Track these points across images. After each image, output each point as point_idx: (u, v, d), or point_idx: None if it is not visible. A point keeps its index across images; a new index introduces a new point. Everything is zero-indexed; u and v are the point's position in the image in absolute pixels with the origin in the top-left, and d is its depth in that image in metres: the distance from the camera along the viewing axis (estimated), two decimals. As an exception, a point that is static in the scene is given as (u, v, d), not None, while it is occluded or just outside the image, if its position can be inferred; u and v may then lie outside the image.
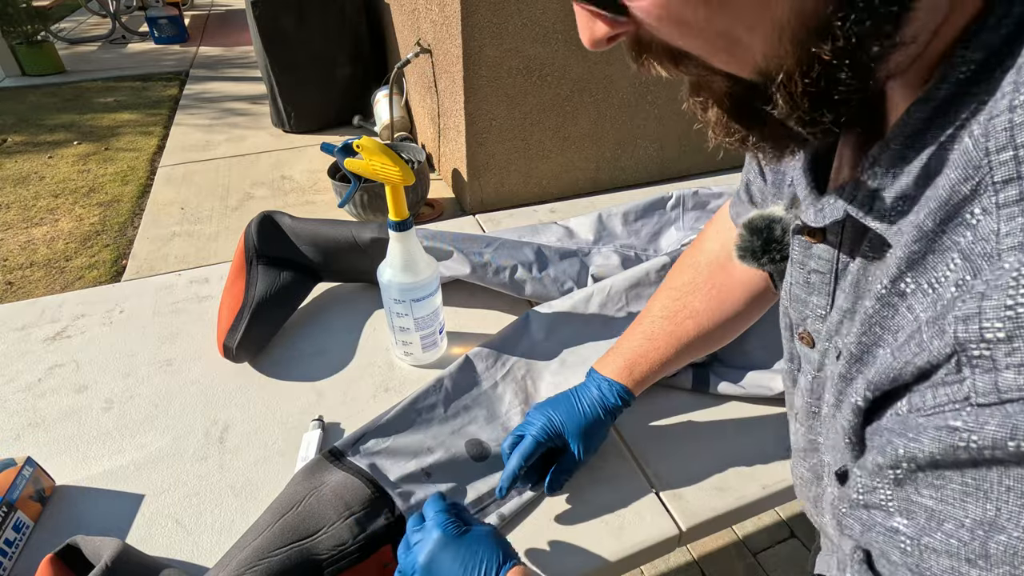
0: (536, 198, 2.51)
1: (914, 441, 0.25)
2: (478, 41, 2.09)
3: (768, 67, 0.26)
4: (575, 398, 0.62)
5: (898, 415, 0.27)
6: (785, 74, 0.25)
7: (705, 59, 0.27)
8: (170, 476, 0.64)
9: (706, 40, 0.26)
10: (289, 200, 2.66)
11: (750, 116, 0.29)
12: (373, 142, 0.65)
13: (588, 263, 0.90)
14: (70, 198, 2.82)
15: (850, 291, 0.34)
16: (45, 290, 2.24)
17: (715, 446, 0.68)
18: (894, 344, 0.28)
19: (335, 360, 0.79)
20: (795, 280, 0.39)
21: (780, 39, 0.24)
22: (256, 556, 0.50)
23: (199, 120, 3.56)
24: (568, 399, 0.62)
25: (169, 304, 0.88)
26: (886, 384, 0.27)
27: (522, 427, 0.62)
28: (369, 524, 0.54)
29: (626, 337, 0.65)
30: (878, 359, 0.29)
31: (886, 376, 0.27)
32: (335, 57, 3.10)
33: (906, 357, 0.26)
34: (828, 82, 0.25)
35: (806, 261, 0.37)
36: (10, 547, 0.55)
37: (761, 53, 0.25)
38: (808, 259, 0.37)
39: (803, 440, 0.43)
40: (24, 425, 0.69)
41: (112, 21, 5.35)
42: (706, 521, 0.61)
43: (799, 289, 0.39)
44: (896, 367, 0.26)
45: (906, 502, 0.27)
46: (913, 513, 0.26)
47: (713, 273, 0.61)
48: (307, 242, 0.83)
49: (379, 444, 0.64)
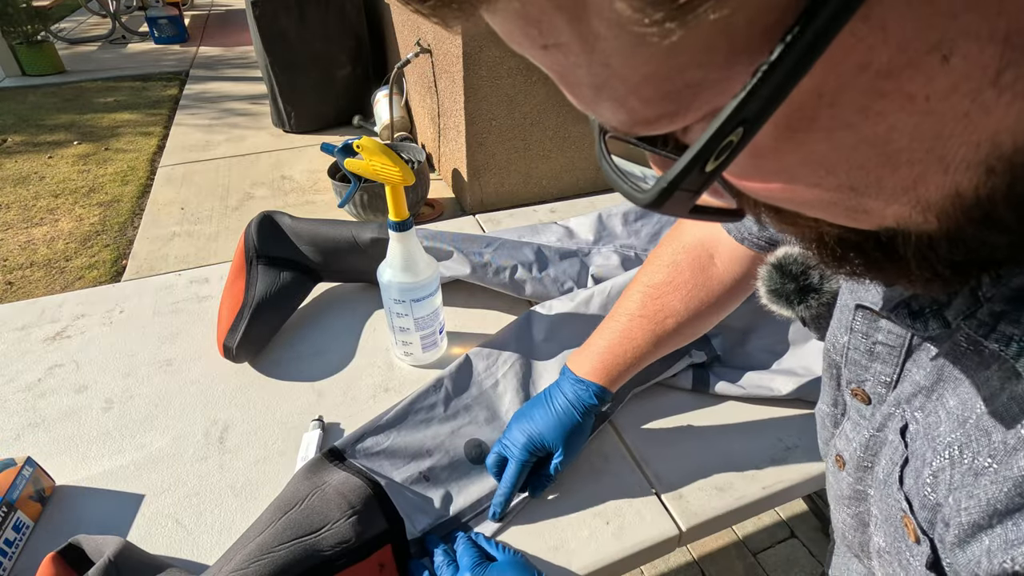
0: (536, 198, 2.51)
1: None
2: (478, 41, 2.09)
3: (900, 229, 0.21)
4: (549, 404, 0.62)
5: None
6: (924, 238, 0.21)
7: (814, 215, 0.23)
8: (170, 476, 0.64)
9: (823, 209, 0.21)
10: (289, 200, 2.66)
11: (862, 257, 0.24)
12: (373, 142, 0.65)
13: (588, 263, 0.90)
14: (70, 198, 2.83)
15: (931, 371, 0.30)
16: (45, 290, 2.24)
17: (715, 446, 0.68)
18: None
19: (335, 360, 0.79)
20: (854, 346, 0.37)
21: (925, 214, 0.20)
22: (260, 551, 0.50)
23: (199, 120, 3.56)
24: (543, 407, 0.62)
25: (169, 304, 0.88)
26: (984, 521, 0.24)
27: (503, 447, 0.62)
28: (371, 523, 0.54)
29: (601, 335, 0.64)
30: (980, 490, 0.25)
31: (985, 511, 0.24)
32: (335, 57, 3.10)
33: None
34: (979, 253, 0.21)
35: (871, 332, 0.35)
36: (10, 547, 0.55)
37: (895, 220, 0.21)
38: (874, 331, 0.35)
39: (848, 489, 0.40)
40: (24, 425, 0.69)
41: (112, 21, 5.35)
42: (706, 521, 0.61)
43: (859, 355, 0.36)
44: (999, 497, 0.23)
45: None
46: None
47: (694, 273, 0.61)
48: (307, 242, 0.83)
49: (379, 444, 0.64)
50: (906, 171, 0.18)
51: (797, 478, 0.65)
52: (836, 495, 0.43)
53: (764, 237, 0.55)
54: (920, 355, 0.32)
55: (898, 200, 0.19)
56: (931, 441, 0.29)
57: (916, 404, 0.32)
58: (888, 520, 0.32)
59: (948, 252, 0.21)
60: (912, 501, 0.30)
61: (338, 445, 0.62)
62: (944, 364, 0.29)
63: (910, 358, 0.33)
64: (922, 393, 0.31)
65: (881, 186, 0.19)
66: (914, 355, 0.33)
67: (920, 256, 0.22)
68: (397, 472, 0.62)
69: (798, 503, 1.53)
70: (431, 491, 0.61)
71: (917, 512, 0.29)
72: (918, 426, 0.31)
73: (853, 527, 0.41)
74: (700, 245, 0.61)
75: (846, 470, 0.41)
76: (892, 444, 0.33)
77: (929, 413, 0.30)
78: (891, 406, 0.34)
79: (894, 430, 0.33)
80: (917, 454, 0.30)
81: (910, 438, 0.31)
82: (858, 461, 0.39)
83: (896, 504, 0.31)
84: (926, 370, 0.31)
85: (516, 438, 0.61)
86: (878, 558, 0.35)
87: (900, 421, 0.33)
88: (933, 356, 0.30)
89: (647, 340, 0.61)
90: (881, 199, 0.19)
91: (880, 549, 0.35)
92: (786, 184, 0.20)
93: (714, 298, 0.60)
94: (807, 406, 0.72)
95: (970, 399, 0.27)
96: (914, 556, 0.30)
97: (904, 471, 0.31)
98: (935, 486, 0.28)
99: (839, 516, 0.43)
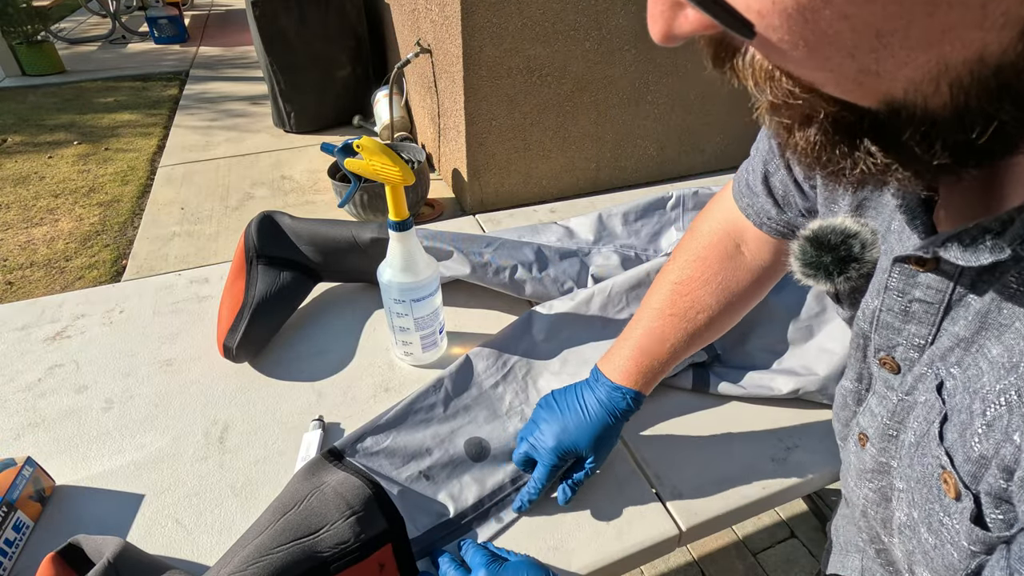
0: (536, 198, 2.51)
1: None
2: (478, 41, 2.09)
3: (906, 102, 0.21)
4: (582, 405, 0.60)
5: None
6: (927, 115, 0.21)
7: (818, 86, 0.22)
8: (170, 476, 0.64)
9: (833, 73, 0.21)
10: (289, 200, 2.66)
11: (856, 146, 0.24)
12: (373, 142, 0.65)
13: (588, 263, 0.90)
14: (70, 198, 2.83)
15: (974, 319, 0.30)
16: (45, 290, 2.24)
17: (715, 446, 0.68)
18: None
19: (335, 360, 0.79)
20: (887, 307, 0.36)
21: (938, 81, 0.19)
22: (258, 553, 0.50)
23: (199, 120, 3.56)
24: (575, 411, 0.60)
25: (169, 304, 0.88)
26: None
27: (532, 448, 0.60)
28: (370, 523, 0.54)
29: (633, 336, 0.61)
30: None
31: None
32: (335, 57, 3.10)
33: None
34: (985, 131, 0.20)
35: (908, 289, 0.34)
36: (10, 547, 0.55)
37: (903, 88, 0.20)
38: (912, 287, 0.34)
39: (872, 461, 0.40)
40: (24, 425, 0.69)
41: (112, 21, 5.35)
42: (706, 521, 0.61)
43: (892, 317, 0.36)
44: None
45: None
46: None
47: (722, 264, 0.59)
48: (307, 242, 0.83)
49: (379, 444, 0.64)
50: (943, 15, 0.17)
51: (797, 478, 0.65)
52: (858, 471, 0.42)
53: (783, 221, 0.53)
54: (958, 312, 0.31)
55: (917, 59, 0.18)
56: (975, 393, 0.29)
57: (952, 360, 0.31)
58: (921, 482, 0.32)
59: (950, 131, 0.20)
60: (954, 456, 0.29)
61: (338, 445, 0.62)
62: (989, 310, 0.29)
63: (947, 316, 0.32)
64: (960, 347, 0.31)
65: (908, 33, 0.18)
66: (952, 312, 0.32)
67: (920, 138, 0.21)
68: (397, 472, 0.62)
69: (798, 503, 1.52)
70: (431, 490, 0.61)
71: (960, 467, 0.29)
72: (955, 382, 0.30)
73: (876, 502, 0.40)
74: (726, 235, 0.60)
75: (869, 445, 0.40)
76: (927, 403, 0.32)
77: (967, 367, 0.30)
78: (923, 366, 0.34)
79: (927, 390, 0.33)
80: (959, 409, 0.29)
81: (947, 394, 0.31)
82: (883, 431, 0.38)
83: (934, 462, 0.30)
84: (967, 320, 0.30)
85: (546, 442, 0.59)
86: (899, 534, 0.35)
87: (934, 379, 0.32)
88: (976, 306, 0.30)
89: (680, 339, 0.59)
90: (901, 53, 0.18)
91: (902, 524, 0.34)
92: (810, 18, 0.19)
93: (744, 287, 0.59)
94: (807, 406, 0.72)
95: (1018, 343, 0.26)
96: (952, 515, 0.29)
97: (944, 428, 0.30)
98: (987, 436, 0.27)
99: (861, 492, 0.42)
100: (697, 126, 2.69)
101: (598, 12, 2.21)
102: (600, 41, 2.28)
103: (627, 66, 2.38)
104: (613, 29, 2.28)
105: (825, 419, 0.71)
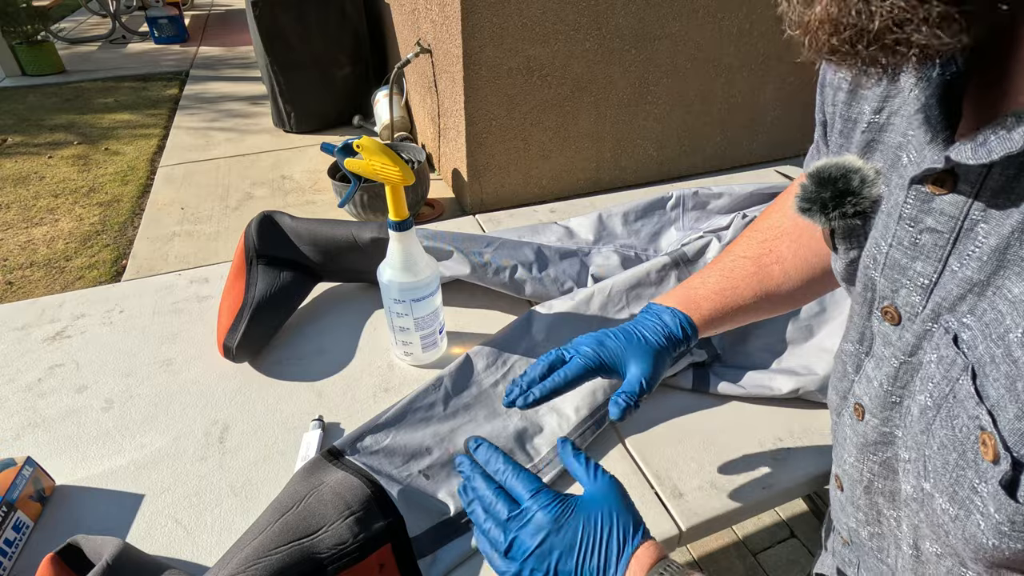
0: (536, 198, 2.51)
1: None
2: (478, 41, 2.09)
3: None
4: (631, 327, 0.55)
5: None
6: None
7: None
8: (170, 476, 0.64)
9: None
10: (289, 200, 2.66)
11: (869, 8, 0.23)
12: (373, 142, 0.65)
13: (588, 263, 0.90)
14: (70, 198, 2.83)
15: (990, 259, 0.28)
16: (45, 290, 2.24)
17: (715, 446, 0.68)
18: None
19: (335, 360, 0.79)
20: (896, 241, 0.34)
21: None
22: (257, 554, 0.50)
23: (199, 120, 3.56)
24: (623, 328, 0.55)
25: (169, 304, 0.88)
26: None
27: (566, 347, 0.56)
28: (369, 523, 0.54)
29: (697, 275, 0.57)
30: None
31: None
32: (335, 57, 3.10)
33: None
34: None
35: (921, 217, 0.32)
36: (10, 547, 0.55)
37: None
38: (925, 214, 0.31)
39: (874, 433, 0.38)
40: (24, 425, 0.69)
41: (112, 21, 5.35)
42: (706, 521, 0.61)
43: (900, 252, 0.34)
44: None
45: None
46: None
47: (800, 232, 0.56)
48: (307, 242, 0.83)
49: (378, 443, 0.64)
50: None
51: (797, 478, 0.65)
52: (859, 445, 0.40)
53: None
54: (967, 245, 0.30)
55: None
56: (1001, 339, 0.27)
57: (963, 309, 0.29)
58: (944, 449, 0.29)
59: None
60: (999, 414, 0.26)
61: (337, 444, 0.62)
62: (1008, 245, 0.27)
63: (954, 251, 0.31)
64: (973, 292, 0.29)
65: None
66: (960, 244, 0.30)
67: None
68: (397, 470, 0.62)
69: (798, 503, 1.52)
70: (431, 489, 0.61)
71: (1004, 427, 0.26)
72: (973, 332, 0.29)
73: (882, 475, 0.39)
74: (798, 222, 0.57)
75: (868, 416, 0.38)
76: (943, 361, 0.30)
77: (984, 313, 0.28)
78: (926, 322, 0.32)
79: (937, 347, 0.31)
80: (992, 360, 0.27)
81: (967, 347, 0.29)
82: (884, 398, 0.36)
83: (971, 423, 0.28)
84: (980, 261, 0.29)
85: (587, 342, 0.54)
86: (906, 507, 0.34)
87: (945, 335, 0.30)
88: (992, 242, 0.28)
89: (747, 284, 0.55)
90: None
91: (908, 497, 0.33)
92: None
93: (823, 257, 0.54)
94: (807, 406, 0.72)
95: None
96: (983, 479, 0.27)
97: (978, 384, 0.28)
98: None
99: (864, 467, 0.40)
100: (697, 126, 2.69)
101: (598, 12, 2.21)
102: (600, 41, 2.28)
103: (627, 66, 2.38)
104: (613, 29, 2.28)
105: (825, 419, 0.71)
